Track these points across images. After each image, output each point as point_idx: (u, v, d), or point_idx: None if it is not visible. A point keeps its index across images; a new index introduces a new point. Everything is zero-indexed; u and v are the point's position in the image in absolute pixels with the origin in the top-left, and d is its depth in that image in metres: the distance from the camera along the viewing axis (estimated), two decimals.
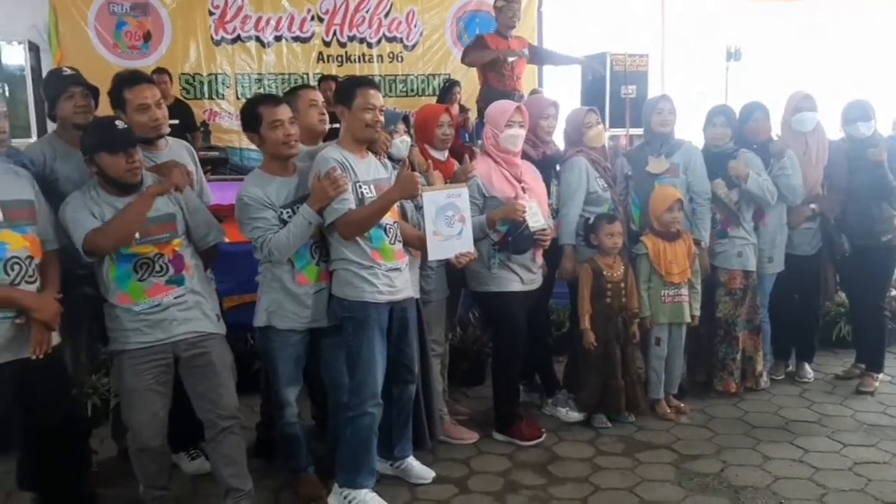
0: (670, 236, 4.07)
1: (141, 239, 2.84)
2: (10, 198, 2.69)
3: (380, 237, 3.15)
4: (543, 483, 3.46)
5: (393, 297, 3.18)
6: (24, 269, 2.67)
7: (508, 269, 3.72)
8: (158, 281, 2.88)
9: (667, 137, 4.25)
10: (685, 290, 4.10)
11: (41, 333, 2.69)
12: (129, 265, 2.85)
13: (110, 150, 2.78)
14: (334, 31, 7.98)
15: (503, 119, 3.69)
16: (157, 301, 2.87)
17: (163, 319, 2.87)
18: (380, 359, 3.15)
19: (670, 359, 4.16)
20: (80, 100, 3.26)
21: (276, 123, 3.07)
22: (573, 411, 4.06)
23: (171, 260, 2.91)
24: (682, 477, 3.47)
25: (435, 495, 3.36)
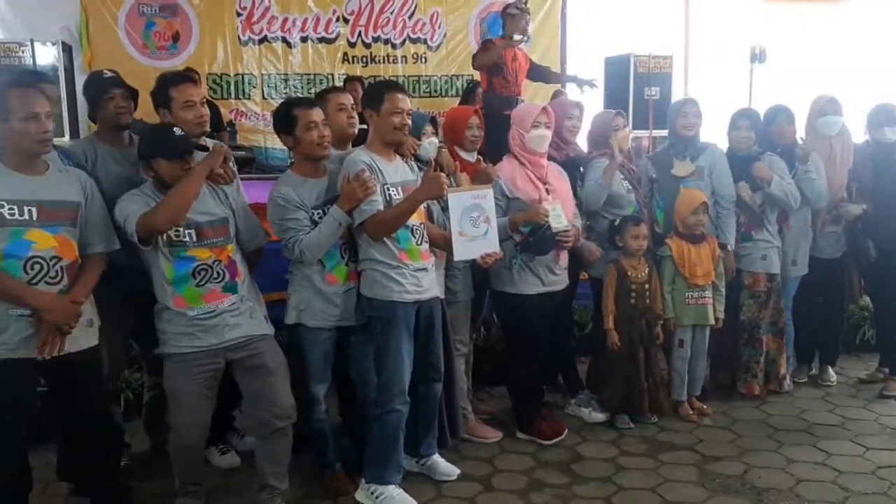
0: (695, 239, 4.09)
1: (197, 242, 2.91)
2: (49, 198, 2.73)
3: (407, 238, 3.21)
4: (567, 482, 3.50)
5: (420, 296, 3.24)
6: (46, 269, 2.68)
7: (530, 271, 3.75)
8: (216, 287, 2.94)
9: (692, 140, 4.27)
10: (709, 293, 4.12)
11: (50, 334, 2.68)
12: (187, 269, 2.90)
13: (167, 156, 2.86)
14: (359, 32, 8.04)
15: (529, 120, 3.72)
16: (212, 307, 2.93)
17: (216, 325, 2.93)
18: (407, 357, 3.20)
19: (693, 361, 4.18)
20: (121, 101, 3.36)
21: (311, 125, 3.16)
22: (596, 412, 4.09)
23: (227, 266, 2.98)
24: (705, 478, 3.50)
25: (460, 492, 3.41)
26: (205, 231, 2.92)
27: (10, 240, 2.63)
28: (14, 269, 2.64)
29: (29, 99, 2.65)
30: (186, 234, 2.89)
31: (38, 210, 2.69)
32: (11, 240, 2.64)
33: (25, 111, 2.62)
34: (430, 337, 3.35)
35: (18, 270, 2.64)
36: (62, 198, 2.77)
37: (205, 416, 3.01)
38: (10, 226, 2.63)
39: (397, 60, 8.17)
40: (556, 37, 8.57)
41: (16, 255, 2.64)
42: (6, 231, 2.63)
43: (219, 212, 2.99)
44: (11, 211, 2.64)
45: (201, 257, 2.91)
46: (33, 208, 2.67)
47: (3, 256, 2.63)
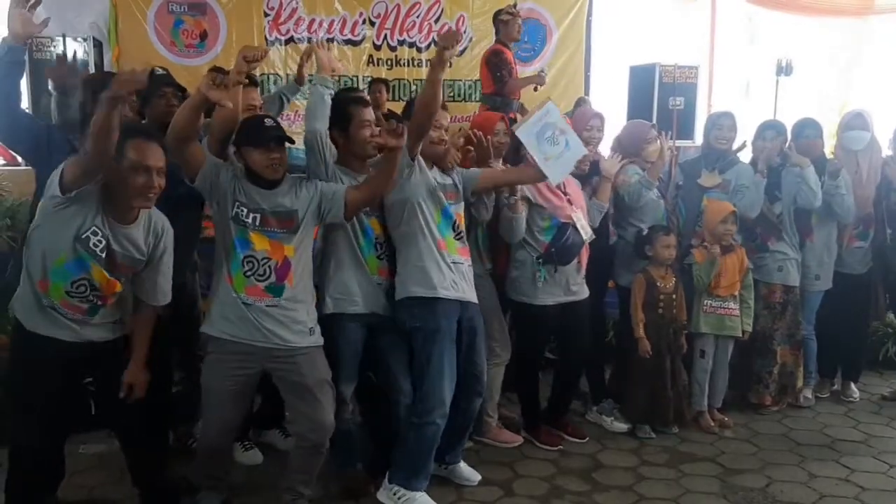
0: (722, 249, 4.08)
1: (259, 226, 2.89)
2: (117, 248, 2.74)
3: (447, 228, 3.27)
4: (588, 489, 3.50)
5: (461, 295, 3.25)
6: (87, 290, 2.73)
7: (553, 282, 3.74)
8: (259, 284, 2.91)
9: (723, 153, 4.27)
10: (733, 304, 4.11)
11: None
12: (242, 253, 2.90)
13: (256, 145, 2.88)
14: (385, 35, 8.04)
15: None
16: (249, 300, 2.91)
17: (248, 319, 2.91)
18: (449, 369, 3.19)
19: (715, 372, 4.17)
20: (172, 99, 3.41)
21: (365, 123, 3.19)
22: (618, 421, 4.09)
23: (278, 267, 2.93)
24: (727, 490, 3.49)
25: (480, 497, 3.42)
26: (268, 219, 2.92)
27: (75, 262, 2.70)
28: (63, 282, 2.70)
29: (145, 150, 2.66)
30: (250, 216, 2.89)
31: (106, 250, 2.72)
32: (76, 262, 2.70)
33: (138, 161, 2.65)
34: (473, 347, 3.35)
35: (66, 285, 2.71)
36: (128, 252, 2.78)
37: (233, 418, 3.02)
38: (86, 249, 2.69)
39: (422, 64, 8.15)
40: (580, 45, 8.53)
41: (67, 275, 2.70)
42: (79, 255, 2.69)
43: (287, 203, 2.97)
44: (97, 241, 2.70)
45: (257, 247, 2.89)
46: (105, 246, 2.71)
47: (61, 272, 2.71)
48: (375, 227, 3.28)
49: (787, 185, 4.24)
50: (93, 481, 3.45)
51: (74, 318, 2.73)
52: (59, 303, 2.71)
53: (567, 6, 8.45)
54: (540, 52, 8.47)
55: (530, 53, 8.44)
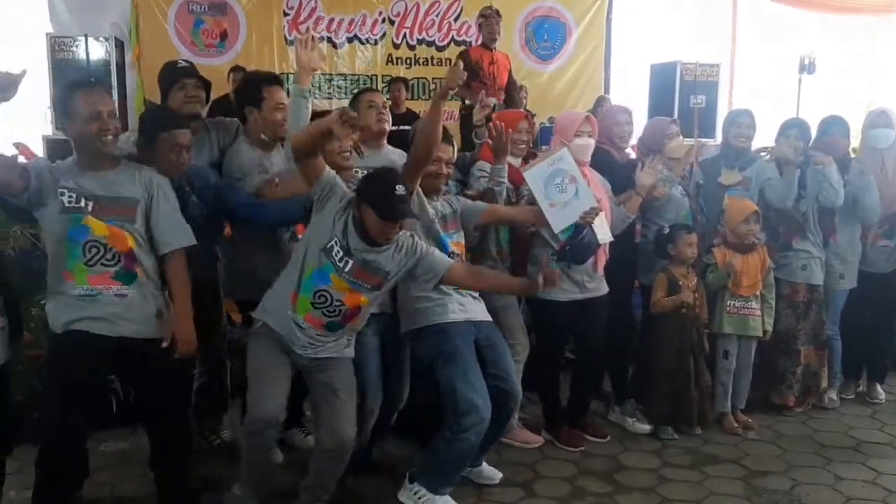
0: (743, 248, 4.04)
1: (347, 273, 2.87)
2: (105, 193, 2.79)
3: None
4: (610, 491, 3.46)
5: (469, 315, 3.23)
6: (103, 252, 2.76)
7: (567, 278, 3.69)
8: (324, 319, 2.90)
9: (743, 151, 4.23)
10: (755, 304, 4.06)
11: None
12: (316, 286, 2.86)
13: (380, 215, 2.80)
14: (404, 34, 8.06)
15: (573, 129, 3.69)
16: (304, 325, 2.89)
17: (292, 335, 2.91)
18: (477, 383, 3.12)
19: (738, 373, 4.12)
20: (192, 90, 3.44)
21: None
22: (641, 422, 4.04)
23: (348, 312, 2.92)
24: (752, 492, 3.44)
25: (501, 497, 3.39)
26: (360, 271, 2.89)
27: (70, 225, 2.73)
28: (75, 249, 2.73)
29: (92, 98, 2.73)
30: (344, 260, 2.87)
31: (93, 204, 2.76)
32: (71, 225, 2.73)
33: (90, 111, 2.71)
34: (498, 364, 3.28)
35: (78, 251, 2.73)
36: (119, 194, 2.82)
37: (281, 392, 2.89)
38: (69, 213, 2.73)
39: (441, 63, 8.17)
40: (600, 43, 8.54)
41: (76, 238, 2.73)
42: (66, 217, 2.73)
43: (384, 265, 2.93)
44: (70, 198, 2.73)
45: (334, 286, 2.87)
46: (90, 202, 2.75)
47: (65, 238, 2.73)
48: None
49: (810, 183, 4.18)
50: (114, 479, 3.46)
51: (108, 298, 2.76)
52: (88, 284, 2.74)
53: (587, 4, 8.46)
54: (559, 51, 8.47)
55: (549, 52, 8.44)
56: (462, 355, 3.14)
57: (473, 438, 3.11)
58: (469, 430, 3.08)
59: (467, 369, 3.13)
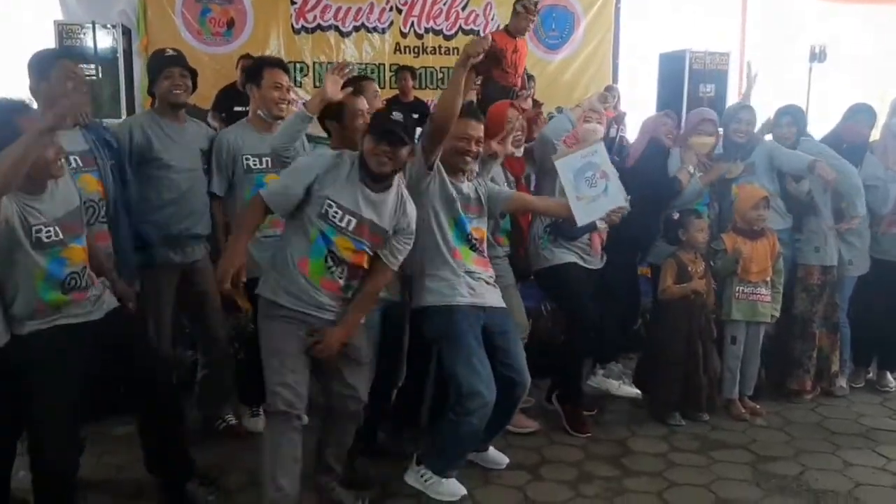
0: (753, 234, 4.01)
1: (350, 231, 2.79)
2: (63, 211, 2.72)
3: (462, 238, 3.21)
4: (617, 475, 3.45)
5: (477, 300, 3.18)
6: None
7: (562, 246, 3.72)
8: (336, 281, 2.83)
9: (742, 146, 4.22)
10: (764, 290, 4.03)
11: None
12: (325, 247, 2.79)
13: (372, 133, 2.80)
14: (412, 23, 8.01)
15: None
16: (317, 291, 2.81)
17: (312, 308, 2.83)
18: (481, 368, 3.08)
19: (746, 359, 4.10)
20: (178, 79, 3.45)
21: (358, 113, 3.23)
22: (627, 385, 4.03)
23: (351, 267, 2.85)
24: (760, 477, 3.42)
25: (509, 481, 3.38)
26: (363, 227, 2.81)
27: (49, 262, 2.65)
28: (56, 285, 2.67)
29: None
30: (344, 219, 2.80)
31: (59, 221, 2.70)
32: (51, 259, 2.66)
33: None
34: (508, 352, 3.25)
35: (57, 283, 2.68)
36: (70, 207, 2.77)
37: (304, 378, 2.84)
38: (45, 248, 2.65)
39: (449, 52, 8.12)
40: (608, 32, 8.47)
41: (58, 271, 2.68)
42: (42, 254, 2.64)
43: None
44: (48, 233, 2.66)
45: (340, 246, 2.80)
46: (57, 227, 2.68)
47: (45, 277, 2.65)
48: None
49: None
50: (122, 461, 3.45)
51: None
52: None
53: None
54: (567, 40, 8.41)
55: (558, 41, 8.38)
56: (465, 339, 3.10)
57: (476, 422, 3.08)
58: (472, 413, 3.05)
59: (471, 353, 3.09)
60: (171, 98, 3.44)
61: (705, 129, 4.18)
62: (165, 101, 3.46)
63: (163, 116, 3.47)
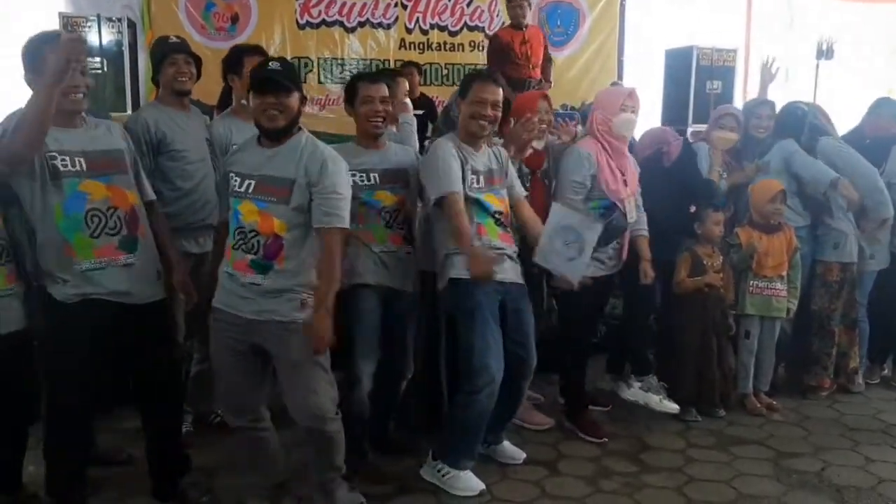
0: (769, 228, 3.97)
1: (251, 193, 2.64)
2: (94, 148, 2.71)
3: (485, 215, 3.16)
4: (636, 471, 3.41)
5: (499, 276, 3.11)
6: (105, 220, 2.67)
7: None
8: (245, 258, 2.66)
9: (762, 142, 4.16)
10: (780, 285, 3.98)
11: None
12: (235, 223, 2.70)
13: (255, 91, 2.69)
14: (417, 19, 7.95)
15: (617, 103, 3.58)
16: (234, 284, 2.69)
17: (235, 292, 2.68)
18: (494, 345, 3.07)
19: (761, 354, 4.06)
20: (183, 66, 3.42)
21: (367, 99, 3.14)
22: (668, 400, 3.91)
23: (260, 235, 2.65)
24: (781, 473, 3.38)
25: (526, 476, 3.34)
26: (261, 185, 2.65)
27: (68, 193, 2.62)
28: (76, 224, 2.63)
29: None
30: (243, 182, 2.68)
31: (86, 161, 2.67)
32: (69, 193, 2.62)
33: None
34: (520, 329, 3.22)
35: (80, 224, 2.63)
36: (108, 147, 2.76)
37: (239, 392, 2.78)
38: (67, 177, 2.62)
39: (454, 48, 8.07)
40: (614, 29, 8.42)
41: (75, 210, 2.63)
42: (63, 184, 2.61)
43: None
44: (64, 162, 2.63)
45: (245, 213, 2.66)
46: (82, 159, 2.67)
47: (63, 216, 2.62)
48: (384, 199, 3.18)
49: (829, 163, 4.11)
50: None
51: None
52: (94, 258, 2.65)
53: None
54: (573, 37, 8.36)
55: (563, 38, 8.33)
56: (482, 313, 3.07)
57: (485, 401, 3.06)
58: (481, 390, 3.04)
59: (486, 328, 3.06)
60: (176, 86, 3.41)
61: (727, 124, 4.13)
62: (170, 88, 3.44)
63: (169, 105, 3.45)
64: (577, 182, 3.52)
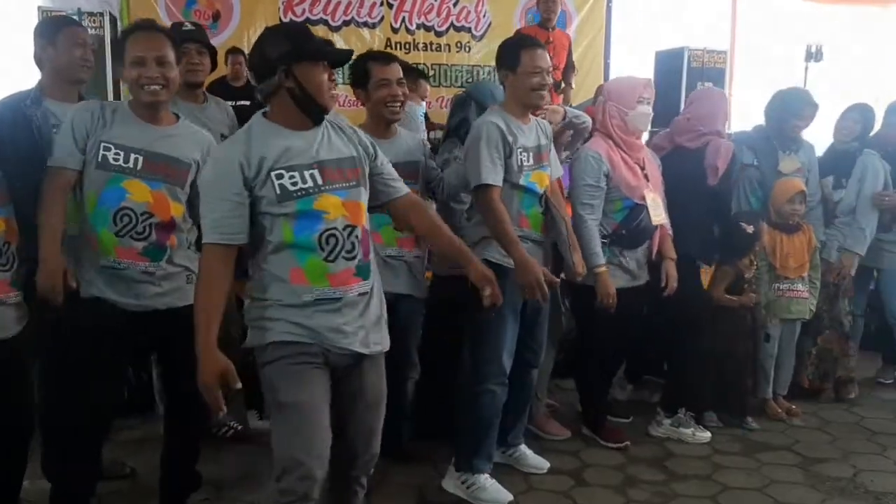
0: (789, 228, 3.87)
1: (324, 186, 2.07)
2: (158, 150, 2.49)
3: (533, 203, 3.00)
4: (664, 479, 3.28)
5: None
6: (133, 223, 2.44)
7: (618, 266, 3.40)
8: (348, 266, 2.11)
9: (795, 139, 4.03)
10: (801, 286, 3.88)
11: None
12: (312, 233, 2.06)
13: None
14: (403, 18, 7.81)
15: (633, 95, 3.36)
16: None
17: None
18: (510, 337, 2.95)
19: (781, 357, 3.95)
20: (195, 57, 3.23)
21: (384, 82, 2.94)
22: (700, 431, 3.67)
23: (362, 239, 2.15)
24: (814, 480, 3.27)
25: (552, 486, 3.20)
26: (329, 170, 2.18)
27: (107, 186, 2.43)
28: (103, 219, 2.44)
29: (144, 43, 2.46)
30: None
31: (144, 161, 2.46)
32: (108, 186, 2.43)
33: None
34: (537, 321, 3.08)
35: (108, 221, 2.43)
36: (175, 155, 2.52)
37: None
38: (113, 171, 2.43)
39: (440, 48, 7.95)
40: (600, 31, 8.38)
41: (108, 205, 2.44)
42: (106, 176, 2.43)
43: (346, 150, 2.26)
44: (117, 156, 2.43)
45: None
46: (140, 157, 2.46)
47: (95, 207, 2.45)
48: None
49: (859, 175, 4.07)
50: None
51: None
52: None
53: None
54: None
55: None
56: (505, 307, 2.75)
57: (495, 388, 2.95)
58: (489, 378, 2.93)
59: (503, 321, 2.90)
60: (188, 77, 3.16)
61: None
62: (182, 78, 3.19)
63: (181, 98, 3.18)
64: (591, 185, 3.33)
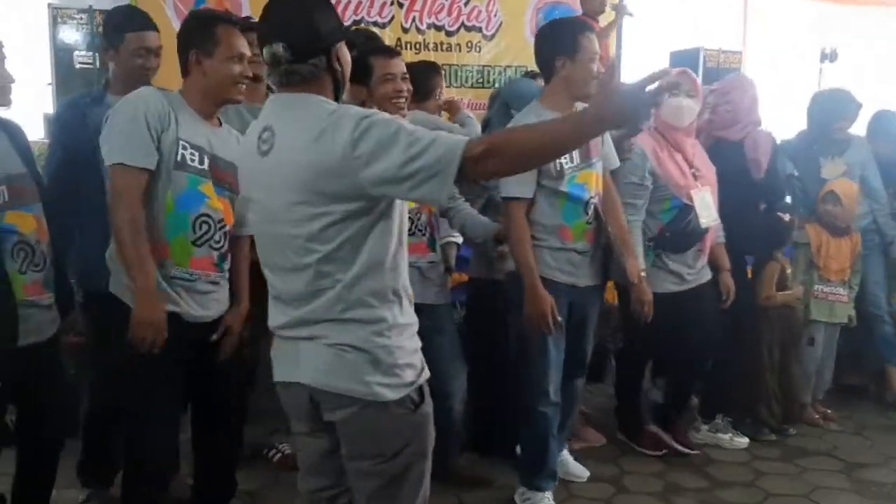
0: (836, 231, 3.78)
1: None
2: (223, 155, 2.36)
3: (577, 213, 2.80)
4: (707, 486, 3.22)
5: (572, 280, 2.84)
6: (212, 231, 2.31)
7: (663, 269, 3.27)
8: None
9: (842, 138, 3.93)
10: (843, 290, 3.80)
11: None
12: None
13: None
14: (413, 18, 7.72)
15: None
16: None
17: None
18: (556, 354, 2.82)
19: (822, 362, 3.88)
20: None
21: (388, 77, 2.76)
22: (738, 437, 3.60)
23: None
24: (859, 486, 3.22)
25: (593, 493, 3.14)
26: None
27: (187, 187, 2.26)
28: (183, 224, 2.27)
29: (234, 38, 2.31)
30: None
31: (210, 165, 2.32)
32: (187, 187, 2.27)
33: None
34: (582, 331, 2.96)
35: (187, 227, 2.28)
36: (232, 159, 2.31)
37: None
38: (189, 172, 2.26)
39: (451, 48, 7.85)
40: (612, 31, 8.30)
41: (186, 208, 2.28)
42: (183, 177, 2.25)
43: None
44: (193, 157, 2.27)
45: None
46: (207, 160, 2.31)
47: (174, 206, 2.26)
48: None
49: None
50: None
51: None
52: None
53: None
54: None
55: None
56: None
57: (543, 410, 2.85)
58: (536, 402, 2.84)
59: (546, 342, 2.77)
60: (255, 69, 2.98)
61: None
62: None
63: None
64: (634, 184, 3.21)
